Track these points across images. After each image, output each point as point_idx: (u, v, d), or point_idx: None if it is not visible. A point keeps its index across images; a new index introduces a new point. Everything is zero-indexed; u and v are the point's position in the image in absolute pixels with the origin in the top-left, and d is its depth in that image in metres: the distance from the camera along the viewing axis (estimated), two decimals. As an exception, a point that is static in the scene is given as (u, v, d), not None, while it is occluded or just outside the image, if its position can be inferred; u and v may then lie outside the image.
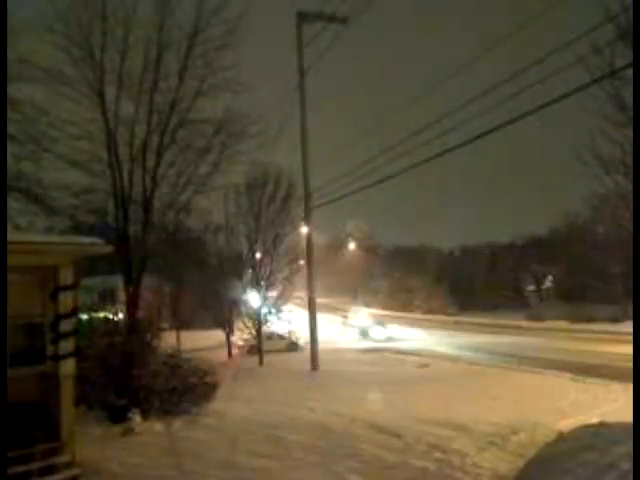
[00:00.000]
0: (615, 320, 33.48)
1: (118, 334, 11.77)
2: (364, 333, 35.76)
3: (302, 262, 22.66)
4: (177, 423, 9.98)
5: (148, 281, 17.35)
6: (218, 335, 25.69)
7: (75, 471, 6.98)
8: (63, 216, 12.64)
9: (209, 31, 13.00)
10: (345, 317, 45.77)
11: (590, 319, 36.34)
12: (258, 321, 21.91)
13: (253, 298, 22.35)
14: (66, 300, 7.59)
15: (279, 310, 24.12)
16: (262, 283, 21.81)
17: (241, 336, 24.40)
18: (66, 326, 7.55)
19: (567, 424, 9.27)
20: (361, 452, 8.05)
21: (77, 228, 13.01)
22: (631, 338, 13.20)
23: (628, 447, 4.74)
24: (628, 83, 11.60)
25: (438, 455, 7.82)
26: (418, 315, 55.36)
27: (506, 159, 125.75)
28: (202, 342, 25.91)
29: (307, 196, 19.74)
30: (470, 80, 19.16)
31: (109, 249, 8.31)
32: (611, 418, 8.86)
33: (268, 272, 21.98)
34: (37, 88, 11.81)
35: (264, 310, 22.19)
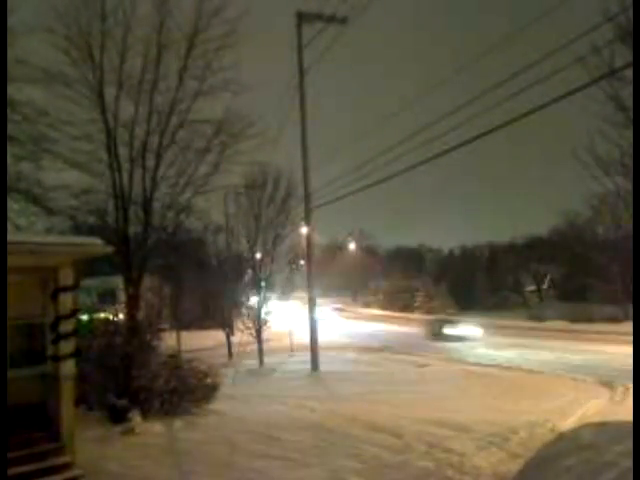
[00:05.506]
0: (615, 320, 33.49)
1: (118, 335, 11.75)
2: None
3: (302, 262, 22.65)
4: (177, 423, 9.98)
5: (148, 281, 17.34)
6: (218, 335, 25.68)
7: (76, 471, 6.98)
8: (63, 217, 12.64)
9: (209, 32, 13.01)
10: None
11: (590, 319, 36.31)
12: (258, 321, 21.90)
13: (253, 298, 22.34)
14: (66, 301, 7.59)
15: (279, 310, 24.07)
16: (262, 283, 21.80)
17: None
18: (66, 327, 7.55)
19: (567, 423, 9.29)
20: (361, 452, 8.06)
21: (77, 229, 13.02)
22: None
23: (628, 445, 4.75)
24: (627, 84, 11.61)
25: (438, 455, 7.82)
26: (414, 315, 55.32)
27: (506, 159, 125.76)
28: (202, 342, 25.88)
29: (307, 196, 19.73)
30: (471, 80, 19.18)
31: (109, 250, 8.31)
32: (611, 417, 8.88)
33: (268, 272, 21.99)
34: (36, 89, 11.82)
35: (264, 310, 22.16)
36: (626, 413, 8.65)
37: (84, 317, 16.27)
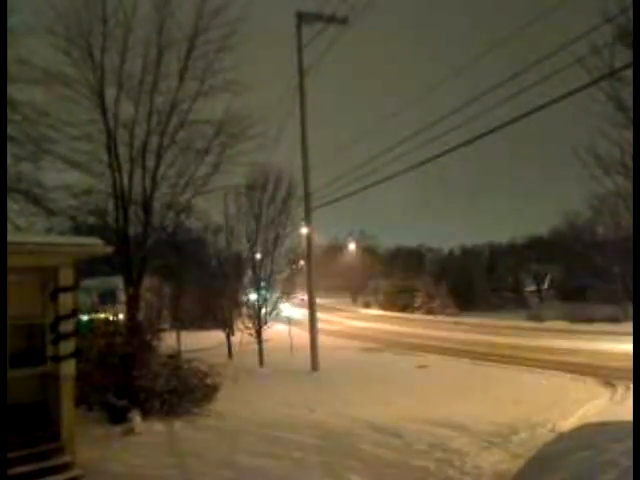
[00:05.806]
0: (615, 320, 33.46)
1: (118, 335, 11.76)
2: None
3: (302, 262, 22.63)
4: (177, 424, 9.98)
5: (148, 282, 17.34)
6: (218, 335, 25.67)
7: (76, 471, 6.98)
8: (63, 217, 12.66)
9: (209, 33, 13.03)
10: None
11: (590, 319, 36.28)
12: (258, 321, 21.89)
13: (253, 298, 22.32)
14: (66, 301, 7.59)
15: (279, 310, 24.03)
16: (262, 284, 21.79)
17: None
18: (66, 327, 7.55)
19: (567, 424, 9.29)
20: (361, 452, 8.06)
21: (77, 229, 13.04)
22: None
23: (628, 445, 4.75)
24: (627, 84, 11.58)
25: (438, 455, 7.83)
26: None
27: (506, 159, 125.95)
28: (202, 342, 25.85)
29: (307, 197, 19.74)
30: (471, 80, 19.20)
31: (109, 250, 8.32)
32: (611, 417, 8.87)
33: (268, 272, 21.96)
34: (37, 89, 11.83)
35: (264, 310, 22.14)
36: (626, 412, 8.65)
37: (84, 317, 16.26)
